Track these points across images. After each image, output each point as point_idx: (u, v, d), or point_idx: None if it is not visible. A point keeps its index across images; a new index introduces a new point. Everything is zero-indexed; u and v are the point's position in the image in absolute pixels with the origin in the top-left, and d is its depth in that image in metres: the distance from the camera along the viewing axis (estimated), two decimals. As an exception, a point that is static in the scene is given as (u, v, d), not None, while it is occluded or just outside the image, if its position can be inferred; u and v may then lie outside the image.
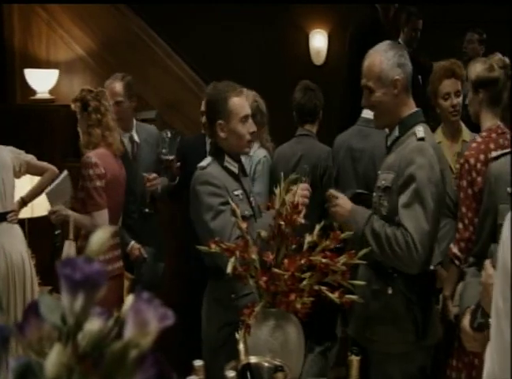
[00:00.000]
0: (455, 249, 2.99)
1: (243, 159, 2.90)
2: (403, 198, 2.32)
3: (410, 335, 2.41)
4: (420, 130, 2.41)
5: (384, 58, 2.45)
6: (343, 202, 2.49)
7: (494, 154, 2.20)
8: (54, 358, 0.69)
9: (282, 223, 2.11)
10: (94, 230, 3.06)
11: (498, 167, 2.13)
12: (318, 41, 6.61)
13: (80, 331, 0.67)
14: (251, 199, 2.71)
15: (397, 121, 2.48)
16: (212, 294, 2.68)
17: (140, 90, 4.35)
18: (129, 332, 0.66)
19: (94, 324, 0.73)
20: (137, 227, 3.83)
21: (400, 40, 5.04)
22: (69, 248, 3.42)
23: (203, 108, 3.99)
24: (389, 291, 2.41)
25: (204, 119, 3.91)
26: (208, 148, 3.49)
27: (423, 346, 2.45)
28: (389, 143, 2.53)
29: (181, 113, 5.32)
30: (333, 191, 2.55)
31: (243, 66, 6.16)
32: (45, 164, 3.79)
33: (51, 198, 3.55)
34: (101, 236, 0.77)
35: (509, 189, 2.05)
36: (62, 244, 3.55)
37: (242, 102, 2.65)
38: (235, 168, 2.67)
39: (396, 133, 2.48)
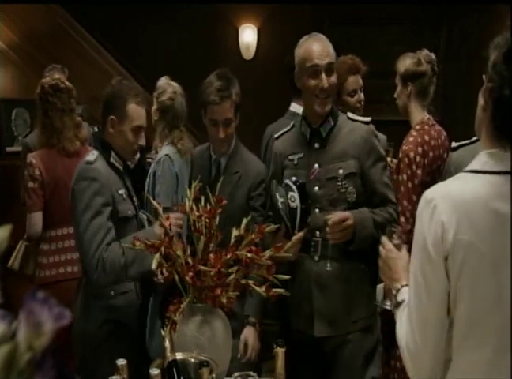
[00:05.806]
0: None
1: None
2: (383, 178, 2.50)
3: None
4: (353, 115, 2.58)
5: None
6: (348, 223, 2.37)
7: (454, 144, 2.19)
8: None
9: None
10: (28, 231, 2.95)
11: (457, 157, 2.12)
12: (248, 36, 6.62)
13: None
14: (134, 198, 2.66)
15: (328, 112, 2.55)
16: (89, 291, 2.56)
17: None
18: (21, 333, 0.63)
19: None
20: None
21: None
22: (19, 247, 3.38)
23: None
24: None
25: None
26: None
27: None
28: (324, 134, 2.56)
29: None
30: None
31: (174, 61, 6.11)
32: None
33: None
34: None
35: None
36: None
37: (140, 111, 2.56)
38: (120, 166, 2.61)
39: (331, 123, 2.55)
